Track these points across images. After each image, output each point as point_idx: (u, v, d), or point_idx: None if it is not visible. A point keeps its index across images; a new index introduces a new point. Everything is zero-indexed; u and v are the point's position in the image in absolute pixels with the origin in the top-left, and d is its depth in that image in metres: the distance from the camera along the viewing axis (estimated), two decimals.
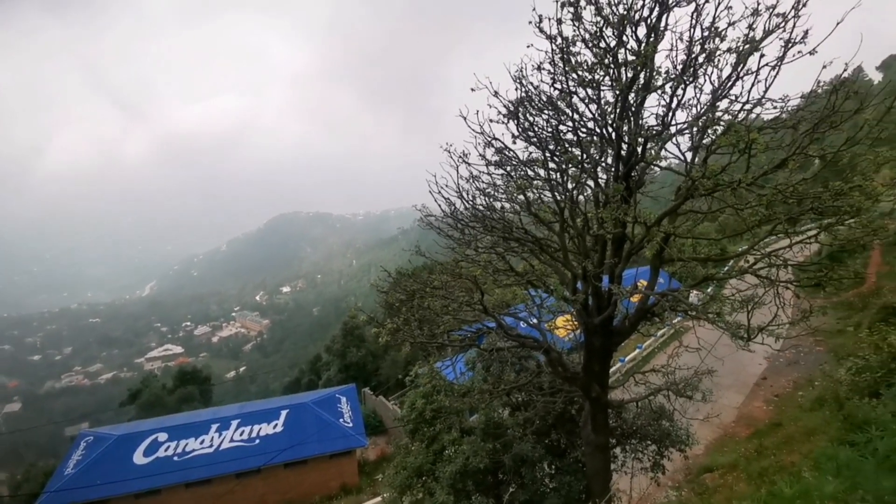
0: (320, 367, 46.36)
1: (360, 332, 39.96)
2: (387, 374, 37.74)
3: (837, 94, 6.15)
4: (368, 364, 39.96)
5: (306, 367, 52.57)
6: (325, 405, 25.11)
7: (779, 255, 8.09)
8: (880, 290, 23.82)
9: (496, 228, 8.04)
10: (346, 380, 36.54)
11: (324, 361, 45.74)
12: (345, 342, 41.17)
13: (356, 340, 40.69)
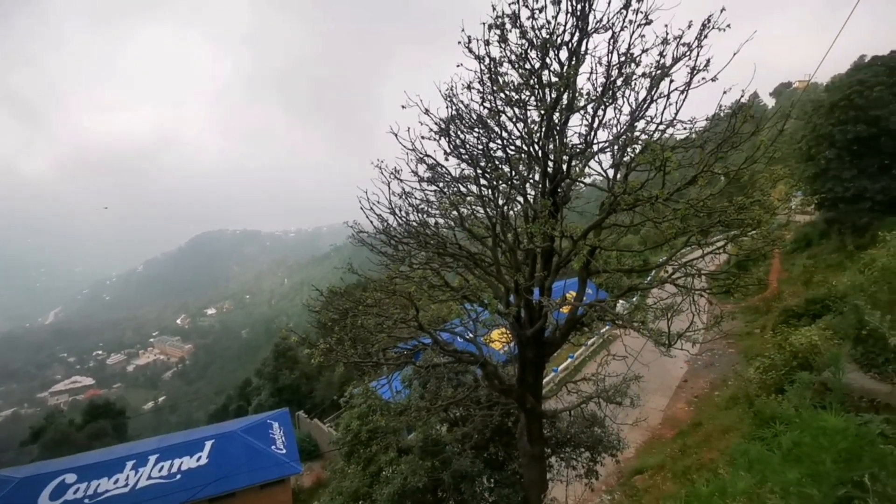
0: (250, 392, 44.12)
1: (293, 354, 38.53)
2: (322, 396, 36.52)
3: (736, 118, 6.76)
4: (302, 386, 38.52)
5: (234, 393, 49.80)
6: (256, 432, 23.83)
7: (693, 265, 8.70)
8: (781, 295, 26.16)
9: (430, 244, 8.05)
10: (278, 404, 34.96)
11: (254, 386, 43.58)
12: (277, 365, 39.50)
13: (289, 362, 39.16)
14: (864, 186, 26.07)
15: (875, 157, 26.07)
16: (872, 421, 4.85)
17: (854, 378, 7.72)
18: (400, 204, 8.37)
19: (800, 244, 34.05)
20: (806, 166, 28.74)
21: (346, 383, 23.58)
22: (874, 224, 24.27)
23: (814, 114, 28.55)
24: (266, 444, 23.22)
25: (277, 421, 25.13)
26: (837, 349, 9.04)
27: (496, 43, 7.29)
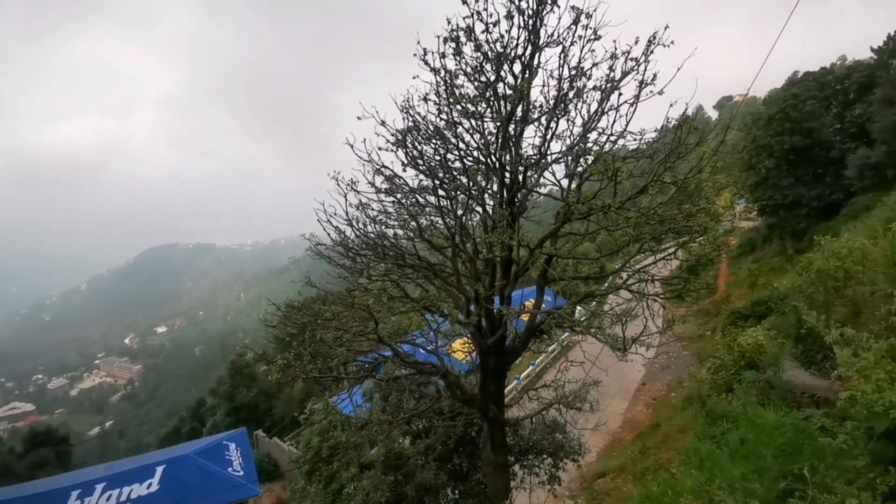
0: (204, 412, 42.32)
1: (251, 371, 37.26)
2: (282, 413, 35.45)
3: (682, 129, 7.08)
4: (261, 404, 37.27)
5: (188, 415, 47.66)
6: (211, 454, 22.79)
7: (647, 271, 9.00)
8: (729, 298, 27.37)
9: (389, 256, 8.01)
10: (235, 424, 33.66)
11: (208, 406, 41.84)
12: (233, 383, 38.09)
13: (246, 380, 37.84)
14: (800, 194, 27.75)
15: (810, 166, 27.83)
16: (813, 415, 5.10)
17: (795, 375, 8.13)
18: (357, 215, 8.30)
19: (745, 249, 35.82)
20: (748, 175, 30.36)
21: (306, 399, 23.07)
22: (811, 229, 25.81)
23: (753, 126, 30.25)
24: (222, 466, 22.26)
25: (234, 441, 24.15)
26: (780, 348, 9.52)
27: (452, 56, 7.38)
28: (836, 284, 8.16)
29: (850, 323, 7.32)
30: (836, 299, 8.09)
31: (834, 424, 4.43)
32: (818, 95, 28.13)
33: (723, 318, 22.64)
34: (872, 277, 7.03)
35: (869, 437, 3.70)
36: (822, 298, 8.23)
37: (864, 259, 7.82)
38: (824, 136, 27.18)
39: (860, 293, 7.64)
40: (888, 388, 3.72)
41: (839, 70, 31.10)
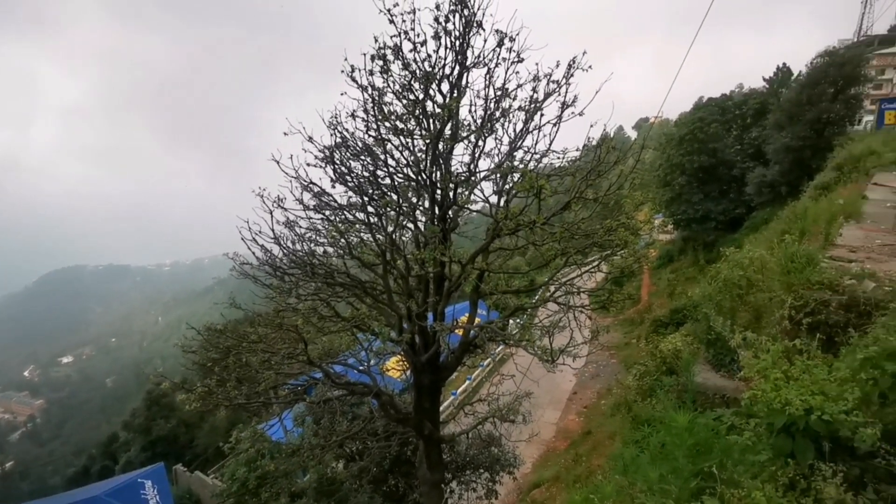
0: (117, 448, 38.85)
1: (169, 401, 34.75)
2: (205, 445, 33.19)
3: (601, 149, 7.49)
4: (181, 436, 34.74)
5: (98, 452, 43.51)
6: (125, 494, 20.93)
7: (573, 283, 9.36)
8: (651, 307, 28.99)
9: (318, 274, 7.80)
10: (152, 459, 31.13)
11: (121, 441, 38.47)
12: (149, 414, 35.29)
13: (164, 410, 35.20)
14: (709, 208, 30.13)
15: (716, 183, 30.31)
16: (724, 414, 5.45)
17: (708, 377, 8.68)
18: (285, 233, 8.06)
19: (664, 260, 38.20)
20: (663, 191, 32.58)
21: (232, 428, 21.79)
22: (719, 241, 27.99)
23: (667, 145, 32.59)
24: None
25: (150, 479, 22.32)
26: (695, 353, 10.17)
27: (379, 73, 7.41)
28: (740, 292, 8.82)
29: (752, 327, 7.96)
30: (741, 306, 8.76)
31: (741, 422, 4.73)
32: (720, 119, 30.81)
33: (646, 327, 23.88)
34: (770, 285, 7.67)
35: (770, 432, 3.99)
36: (728, 305, 8.87)
37: (763, 268, 8.51)
38: (727, 155, 29.75)
39: (760, 299, 8.29)
40: (784, 386, 4.02)
41: (737, 97, 34.29)
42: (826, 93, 23.39)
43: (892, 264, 6.94)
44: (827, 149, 21.69)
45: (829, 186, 15.64)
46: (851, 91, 23.98)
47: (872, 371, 3.92)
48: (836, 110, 23.37)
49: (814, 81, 24.05)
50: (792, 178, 23.76)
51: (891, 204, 10.94)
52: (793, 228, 10.62)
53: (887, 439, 3.41)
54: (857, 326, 5.39)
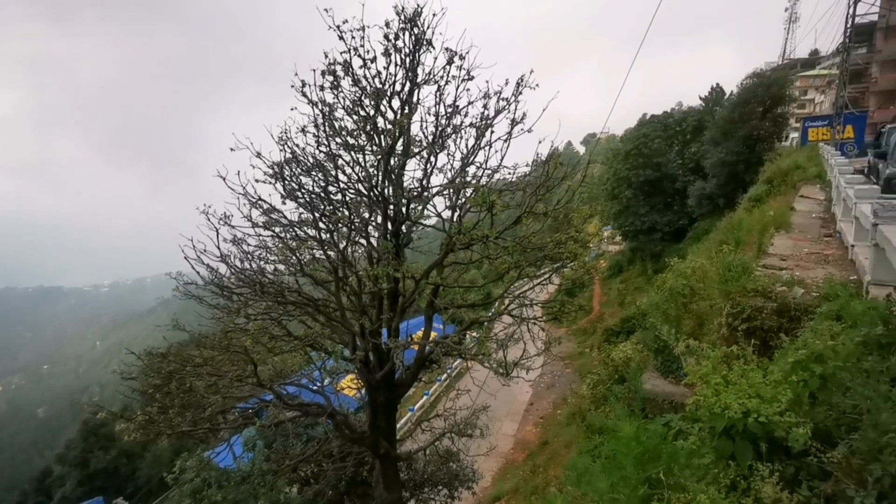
0: (51, 483, 36.06)
1: (108, 430, 32.60)
2: (147, 475, 31.28)
3: (549, 164, 7.70)
4: (122, 467, 32.61)
5: (31, 488, 40.21)
6: None
7: (526, 296, 9.50)
8: (603, 316, 29.78)
9: (269, 292, 7.57)
10: (90, 494, 29.08)
11: (56, 475, 35.73)
12: (86, 446, 32.98)
13: (103, 441, 32.98)
14: (655, 220, 31.43)
15: (660, 196, 31.70)
16: (672, 420, 5.62)
17: (657, 384, 8.96)
18: (233, 251, 7.80)
19: (614, 270, 39.38)
20: (611, 204, 33.78)
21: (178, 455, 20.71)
22: (665, 251, 29.17)
23: (614, 160, 33.86)
24: None
25: None
26: (644, 361, 10.49)
27: (330, 89, 7.36)
28: (684, 300, 9.18)
29: (696, 333, 8.31)
30: (685, 313, 9.12)
31: (688, 426, 4.88)
32: (663, 135, 32.35)
33: (598, 336, 24.47)
34: (710, 293, 8.01)
35: (713, 435, 4.13)
36: (673, 313, 9.22)
37: (704, 277, 8.90)
38: (670, 169, 31.21)
39: (702, 307, 8.66)
40: (724, 390, 4.17)
41: (677, 114, 36.11)
42: (756, 111, 25.00)
43: (818, 271, 7.42)
44: (758, 163, 23.14)
45: (762, 198, 16.64)
46: (778, 110, 25.75)
47: (802, 373, 4.15)
48: (765, 128, 25.01)
49: (744, 101, 25.68)
50: (728, 190, 25.15)
51: (815, 215, 11.74)
52: (730, 239, 11.20)
53: (818, 437, 3.60)
54: (789, 331, 5.70)
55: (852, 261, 7.55)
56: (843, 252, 8.32)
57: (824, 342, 4.27)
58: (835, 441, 3.55)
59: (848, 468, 3.14)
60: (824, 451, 3.40)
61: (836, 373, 3.98)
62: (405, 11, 7.23)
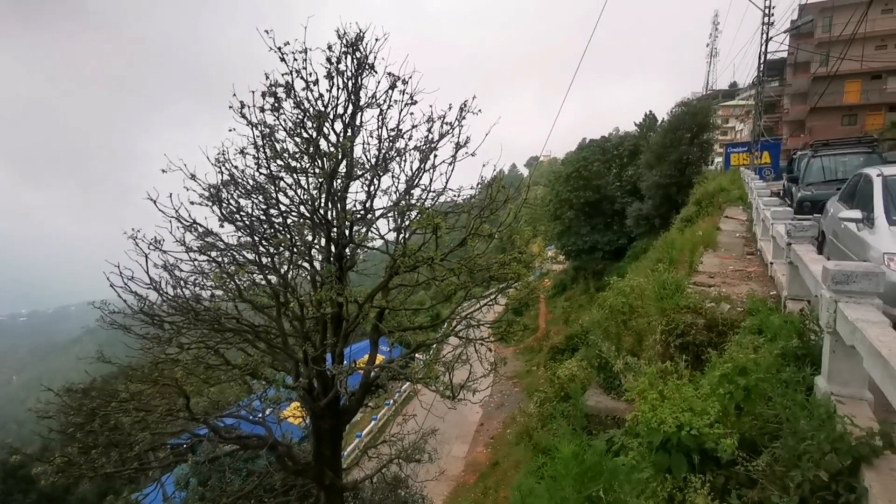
0: None
1: (26, 472, 29.66)
2: None
3: (493, 188, 7.86)
4: None
5: None
6: None
7: (473, 316, 9.55)
8: (549, 334, 30.36)
9: (204, 320, 7.21)
10: None
11: None
12: (5, 488, 29.80)
13: (22, 483, 29.88)
14: (596, 240, 32.69)
15: (601, 216, 33.07)
16: (615, 435, 5.74)
17: (600, 400, 9.19)
18: (166, 277, 7.40)
19: (558, 289, 40.40)
20: (555, 224, 34.93)
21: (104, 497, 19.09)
22: (606, 269, 30.32)
23: (556, 182, 35.10)
24: None
25: None
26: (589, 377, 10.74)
27: (270, 111, 7.23)
28: (624, 318, 9.52)
29: (635, 349, 8.61)
30: (624, 330, 9.45)
31: (629, 442, 5.00)
32: (601, 158, 33.93)
33: (545, 354, 24.90)
34: (648, 310, 8.34)
35: (650, 450, 4.23)
36: (614, 330, 9.53)
37: (642, 295, 9.28)
38: (609, 191, 32.69)
39: (641, 324, 9.00)
40: (660, 405, 4.30)
41: (614, 139, 38.08)
42: (684, 137, 26.74)
43: (742, 287, 7.89)
44: (688, 186, 24.64)
45: (692, 219, 17.67)
46: (704, 136, 27.67)
47: (728, 385, 4.37)
48: (694, 153, 26.78)
49: (674, 127, 27.45)
50: (663, 211, 26.58)
51: (739, 234, 12.56)
52: (664, 258, 11.77)
53: (744, 447, 3.77)
54: (717, 345, 6.01)
55: (772, 277, 8.08)
56: (763, 269, 8.89)
57: (747, 355, 4.52)
58: (760, 450, 3.73)
59: (772, 475, 3.30)
60: (750, 460, 3.57)
61: (759, 384, 4.20)
62: (347, 36, 7.27)
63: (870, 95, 40.14)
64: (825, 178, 13.09)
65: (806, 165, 14.01)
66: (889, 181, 6.47)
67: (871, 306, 3.39)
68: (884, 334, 2.86)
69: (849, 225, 6.74)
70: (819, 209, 10.37)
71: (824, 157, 13.70)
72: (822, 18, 39.40)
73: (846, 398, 3.61)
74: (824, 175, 13.22)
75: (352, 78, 7.52)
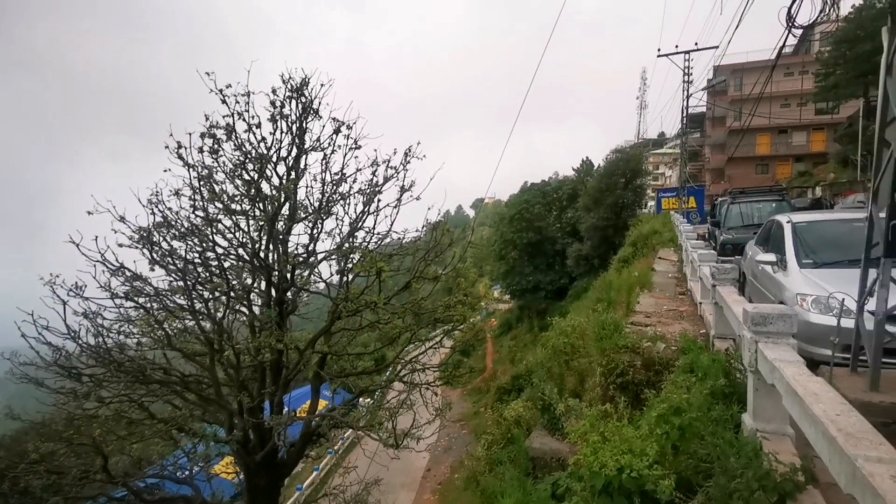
0: None
1: None
2: None
3: (437, 231, 7.95)
4: None
5: None
6: None
7: (419, 360, 9.42)
8: (496, 374, 30.29)
9: (127, 371, 6.69)
10: None
11: None
12: None
13: None
14: (539, 279, 33.49)
15: (543, 257, 34.03)
16: (560, 478, 5.72)
17: (545, 442, 9.17)
18: (87, 325, 6.87)
19: (504, 328, 40.70)
20: (500, 265, 35.60)
21: None
22: (550, 308, 30.96)
23: (500, 223, 36.00)
24: None
25: None
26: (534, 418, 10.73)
27: (209, 153, 7.06)
28: (566, 358, 9.66)
29: (578, 390, 8.72)
30: (567, 371, 9.57)
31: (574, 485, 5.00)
32: (542, 201, 35.23)
33: (492, 395, 24.73)
34: (588, 350, 8.51)
35: (593, 494, 4.24)
36: (557, 371, 9.63)
37: (583, 335, 9.48)
38: (550, 232, 33.82)
39: (583, 364, 9.14)
40: (601, 448, 4.35)
41: (554, 183, 39.75)
42: (619, 182, 28.31)
43: (675, 326, 8.25)
44: (624, 228, 25.91)
45: (628, 259, 18.46)
46: (637, 181, 29.40)
47: (665, 426, 4.49)
48: (628, 196, 28.34)
49: (610, 173, 29.04)
50: (602, 251, 27.71)
51: (671, 275, 13.23)
52: (603, 297, 12.16)
53: (681, 487, 3.86)
54: (655, 384, 6.19)
55: (701, 316, 8.50)
56: (694, 308, 9.35)
57: (680, 395, 4.68)
58: (695, 489, 3.83)
59: None
60: (687, 500, 3.65)
61: (692, 423, 4.35)
62: (292, 80, 7.30)
63: (778, 147, 44.62)
64: (743, 222, 14.17)
65: (726, 211, 15.14)
66: (797, 227, 7.08)
67: (788, 346, 3.62)
68: (799, 373, 3.05)
69: (765, 267, 7.27)
70: (739, 251, 11.14)
71: (742, 203, 14.88)
72: (734, 79, 43.78)
73: (770, 434, 3.78)
74: (742, 220, 14.32)
75: (296, 122, 7.51)
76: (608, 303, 11.21)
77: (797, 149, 44.35)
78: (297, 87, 7.34)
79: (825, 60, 33.97)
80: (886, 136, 3.79)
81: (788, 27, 8.40)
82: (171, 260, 7.16)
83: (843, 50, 31.44)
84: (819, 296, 5.44)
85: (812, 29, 11.81)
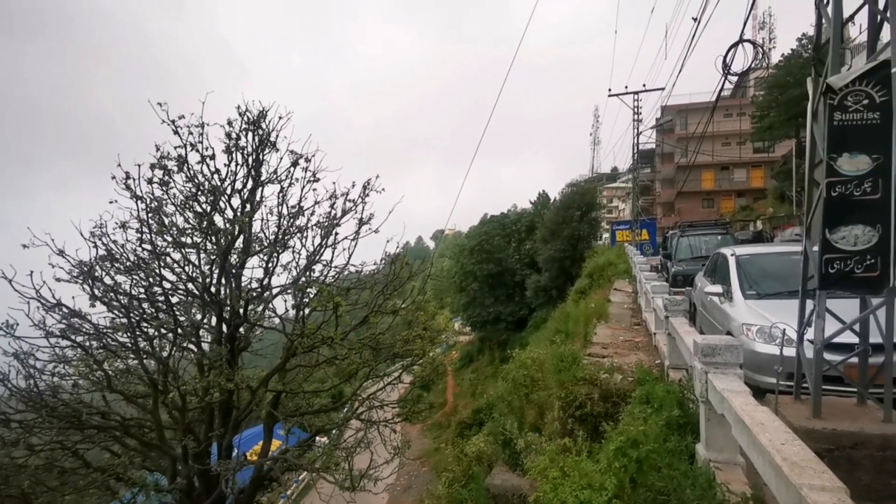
0: None
1: None
2: None
3: (396, 264, 7.90)
4: None
5: None
6: None
7: (376, 396, 9.18)
8: (457, 408, 29.87)
9: (61, 416, 6.21)
10: None
11: None
12: None
13: None
14: (499, 311, 33.66)
15: (503, 288, 34.32)
16: None
17: (507, 478, 9.02)
18: (17, 367, 6.37)
19: (465, 361, 40.44)
20: (460, 296, 35.65)
21: None
22: (510, 339, 31.05)
23: (460, 255, 36.24)
24: None
25: None
26: (496, 454, 10.57)
27: (159, 185, 6.84)
28: (526, 391, 9.61)
29: (538, 423, 8.67)
30: (527, 404, 9.52)
31: None
32: (502, 233, 35.81)
33: (453, 430, 24.32)
34: (548, 382, 8.51)
35: None
36: (517, 404, 9.56)
37: (542, 367, 9.50)
38: (510, 264, 34.27)
39: (542, 396, 9.11)
40: (561, 484, 4.30)
41: (513, 215, 40.58)
42: (575, 215, 29.15)
43: (631, 357, 8.41)
44: (581, 259, 26.56)
45: (585, 291, 18.82)
46: (592, 214, 30.36)
47: (623, 458, 4.51)
48: (584, 229, 29.17)
49: (566, 206, 29.90)
50: (559, 282, 28.20)
51: (626, 306, 13.56)
52: (562, 329, 12.29)
53: None
54: (613, 415, 6.23)
55: (655, 346, 8.70)
56: (648, 339, 9.57)
57: (637, 427, 4.72)
58: None
59: None
60: None
61: (649, 455, 4.38)
62: (249, 113, 7.23)
63: (721, 183, 47.47)
64: (693, 254, 14.79)
65: (676, 243, 15.79)
66: (741, 260, 7.44)
67: (735, 376, 3.74)
68: (746, 403, 3.14)
69: (713, 298, 7.56)
70: (689, 282, 11.57)
71: (690, 236, 15.58)
72: (679, 118, 46.54)
73: (722, 464, 3.86)
74: (692, 252, 14.95)
75: (252, 154, 7.39)
76: (566, 334, 11.32)
77: (738, 184, 47.31)
78: (254, 119, 7.27)
79: (760, 104, 36.74)
80: (815, 176, 4.07)
81: (724, 74, 9.04)
82: (113, 296, 6.77)
83: (775, 94, 34.11)
84: (763, 325, 5.67)
85: (746, 75, 12.84)
